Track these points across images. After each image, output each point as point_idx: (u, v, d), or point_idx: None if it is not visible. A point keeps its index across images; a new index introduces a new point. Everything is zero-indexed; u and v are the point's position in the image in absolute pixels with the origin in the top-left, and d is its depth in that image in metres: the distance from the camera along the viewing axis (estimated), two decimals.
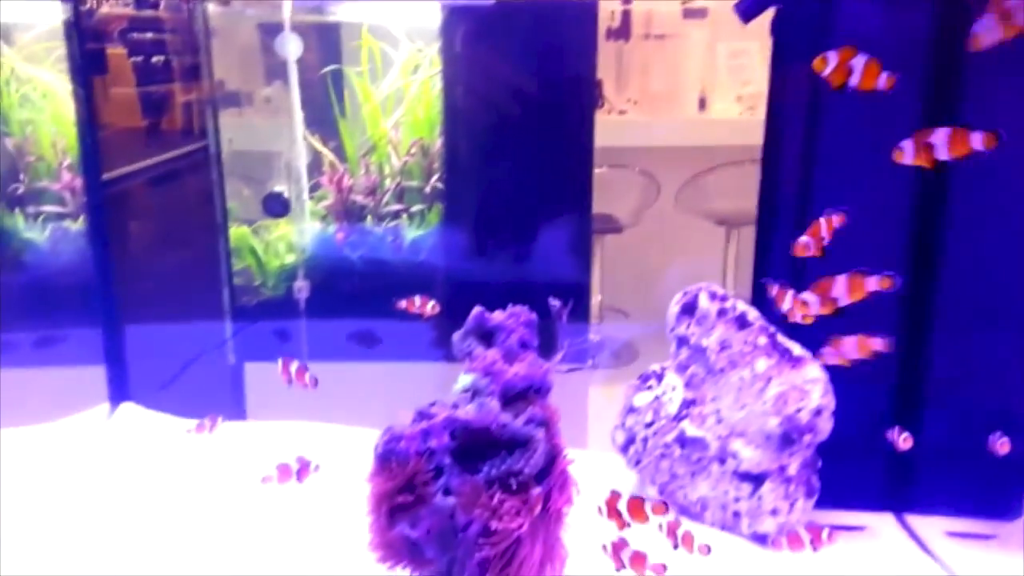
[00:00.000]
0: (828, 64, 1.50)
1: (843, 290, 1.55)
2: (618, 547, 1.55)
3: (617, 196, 4.47)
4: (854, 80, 1.49)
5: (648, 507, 1.58)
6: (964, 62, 1.92)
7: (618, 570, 1.55)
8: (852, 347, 1.81)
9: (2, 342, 2.93)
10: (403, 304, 2.13)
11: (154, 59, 3.11)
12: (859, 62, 1.47)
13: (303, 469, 1.90)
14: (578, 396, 2.96)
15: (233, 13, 3.34)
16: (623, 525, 1.62)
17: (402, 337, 3.15)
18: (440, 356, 3.01)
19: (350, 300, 3.26)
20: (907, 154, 1.52)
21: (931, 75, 1.94)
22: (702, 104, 5.17)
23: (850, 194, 1.99)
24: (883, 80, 1.47)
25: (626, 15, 5.10)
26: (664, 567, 1.52)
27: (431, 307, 2.10)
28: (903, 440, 1.68)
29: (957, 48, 1.90)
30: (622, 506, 1.60)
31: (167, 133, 3.23)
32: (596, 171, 3.42)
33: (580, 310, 3.13)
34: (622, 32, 5.16)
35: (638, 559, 1.54)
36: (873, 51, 1.83)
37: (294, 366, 1.96)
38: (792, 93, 2.12)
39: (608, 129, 4.11)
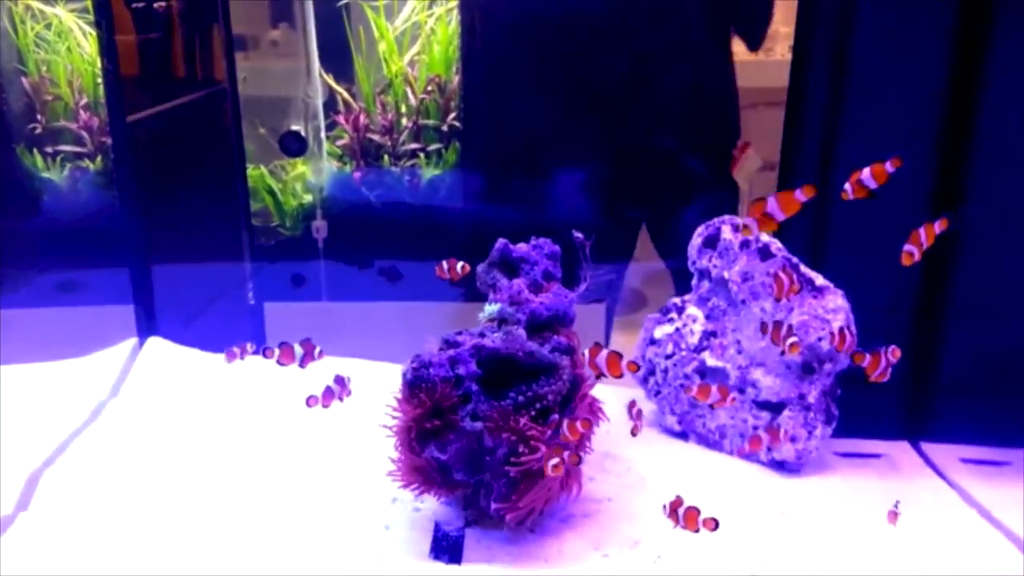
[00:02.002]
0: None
1: (776, 207, 1.56)
2: (675, 505, 1.57)
3: None
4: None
5: (623, 363, 1.62)
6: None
7: (675, 527, 1.57)
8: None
9: (26, 282, 2.96)
10: (437, 271, 1.98)
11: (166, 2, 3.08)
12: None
13: (341, 385, 1.88)
14: (598, 330, 2.99)
15: None
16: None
17: (421, 276, 3.17)
18: (460, 296, 3.03)
19: (368, 240, 3.27)
20: None
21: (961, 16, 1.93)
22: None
23: (880, 130, 1.99)
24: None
25: None
26: (715, 521, 1.53)
27: (461, 268, 1.96)
28: (891, 354, 1.69)
29: None
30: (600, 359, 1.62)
31: (182, 76, 3.21)
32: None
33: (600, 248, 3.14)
34: None
35: (692, 515, 1.55)
36: None
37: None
38: (819, 32, 2.09)
39: None
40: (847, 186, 1.56)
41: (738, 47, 4.74)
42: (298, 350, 1.87)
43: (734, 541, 1.75)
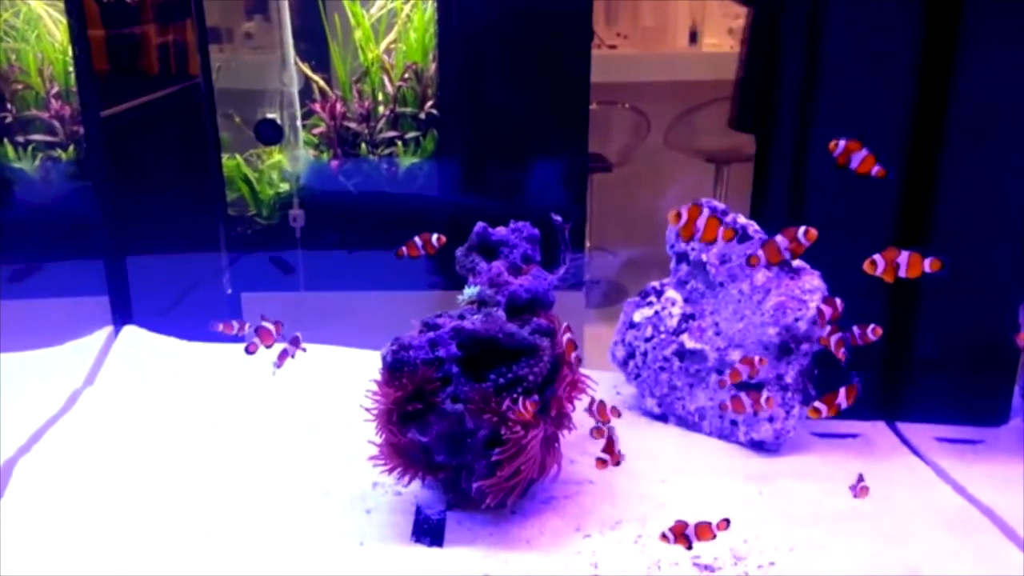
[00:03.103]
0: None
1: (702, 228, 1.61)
2: (678, 530, 1.51)
3: (606, 134, 4.42)
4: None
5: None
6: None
7: (689, 548, 1.55)
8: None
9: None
10: (403, 251, 1.84)
11: None
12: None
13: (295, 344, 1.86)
14: (576, 317, 3.00)
15: None
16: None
17: (399, 265, 3.17)
18: (439, 284, 3.03)
19: (346, 228, 3.25)
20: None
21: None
22: (693, 37, 5.08)
23: (851, 122, 2.01)
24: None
25: None
26: (728, 522, 1.49)
27: (436, 240, 1.82)
28: (873, 332, 1.73)
29: None
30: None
31: (157, 67, 3.18)
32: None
33: (577, 237, 3.14)
34: None
35: (703, 530, 1.54)
36: None
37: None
38: (792, 24, 2.10)
39: (597, 64, 4.04)
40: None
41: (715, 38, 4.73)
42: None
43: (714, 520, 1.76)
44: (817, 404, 1.66)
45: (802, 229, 1.61)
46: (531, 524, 1.79)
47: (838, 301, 1.80)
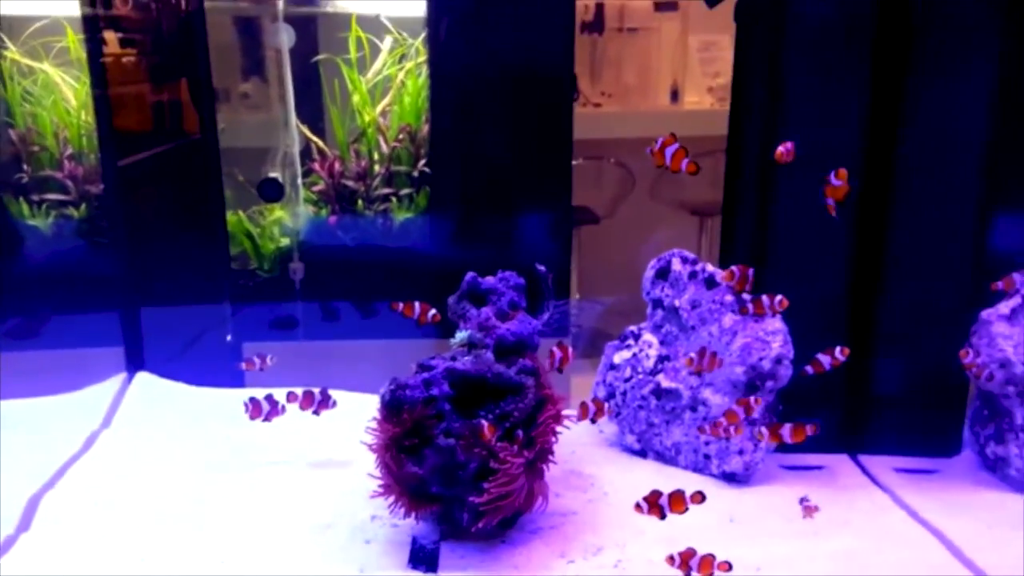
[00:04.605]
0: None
1: None
2: (686, 556, 1.64)
3: (593, 188, 4.62)
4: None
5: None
6: (907, 41, 2.13)
7: (662, 519, 1.69)
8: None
9: (16, 326, 3.08)
10: (401, 307, 2.03)
11: (152, 57, 3.26)
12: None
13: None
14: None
15: (212, 9, 3.47)
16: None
17: (395, 315, 3.34)
18: (433, 333, 3.19)
19: (343, 281, 3.42)
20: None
21: (877, 54, 2.16)
22: (675, 96, 5.33)
23: (809, 178, 2.21)
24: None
25: (599, 9, 5.25)
26: (702, 495, 1.65)
27: (432, 316, 2.02)
28: (841, 353, 1.94)
29: (900, 28, 2.11)
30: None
31: (166, 127, 3.38)
32: (572, 162, 3.58)
33: (563, 287, 3.29)
34: (596, 25, 5.30)
35: (677, 500, 1.67)
36: (823, 31, 2.06)
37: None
38: (754, 78, 2.32)
39: (583, 122, 4.23)
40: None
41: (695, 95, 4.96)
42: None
43: (687, 546, 1.90)
44: (782, 430, 1.83)
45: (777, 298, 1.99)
46: (519, 552, 1.93)
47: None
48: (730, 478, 2.20)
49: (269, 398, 2.17)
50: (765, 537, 1.96)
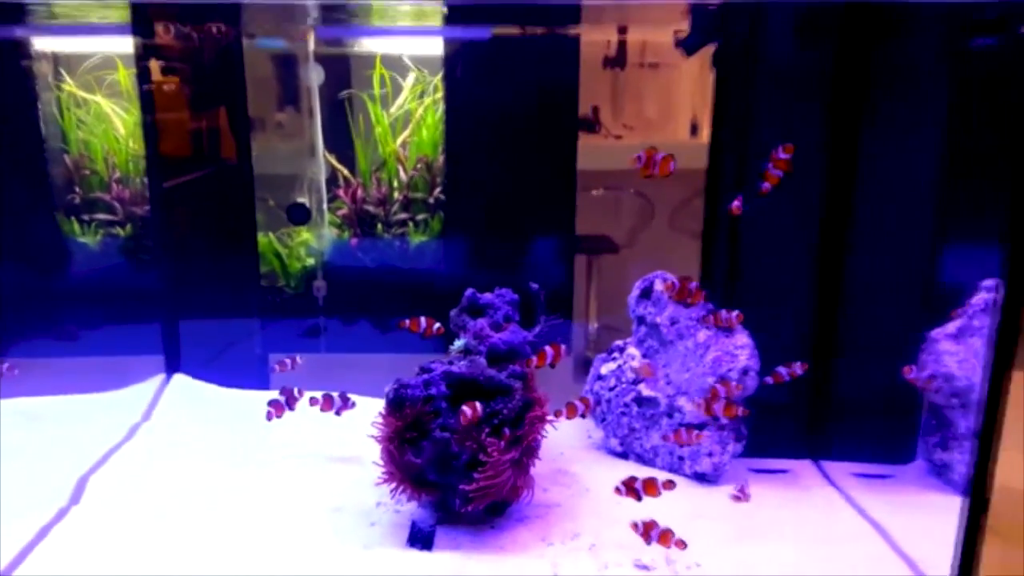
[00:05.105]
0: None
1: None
2: (648, 526, 1.85)
3: (613, 217, 4.84)
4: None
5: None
6: (864, 88, 2.38)
7: (648, 544, 1.91)
8: None
9: (58, 334, 3.40)
10: (408, 323, 2.19)
11: (194, 89, 3.59)
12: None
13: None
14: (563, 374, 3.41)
15: (251, 47, 3.80)
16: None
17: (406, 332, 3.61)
18: (440, 347, 3.46)
19: (363, 298, 3.71)
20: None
21: (836, 98, 2.41)
22: (694, 129, 5.54)
23: (773, 208, 2.46)
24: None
25: (622, 45, 5.50)
26: (672, 483, 1.88)
27: (436, 329, 2.20)
28: (800, 367, 2.18)
29: (858, 77, 2.37)
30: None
31: (203, 153, 3.70)
32: (593, 193, 3.83)
33: (564, 306, 3.54)
34: (618, 61, 5.56)
35: (650, 485, 1.90)
36: (787, 79, 2.31)
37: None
38: (728, 116, 2.59)
39: (605, 153, 4.44)
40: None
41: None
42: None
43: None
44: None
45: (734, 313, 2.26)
46: (505, 536, 2.18)
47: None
48: (701, 478, 2.43)
49: (285, 390, 2.40)
50: (726, 528, 2.19)
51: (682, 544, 1.85)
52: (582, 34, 3.52)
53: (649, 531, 1.86)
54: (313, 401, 2.45)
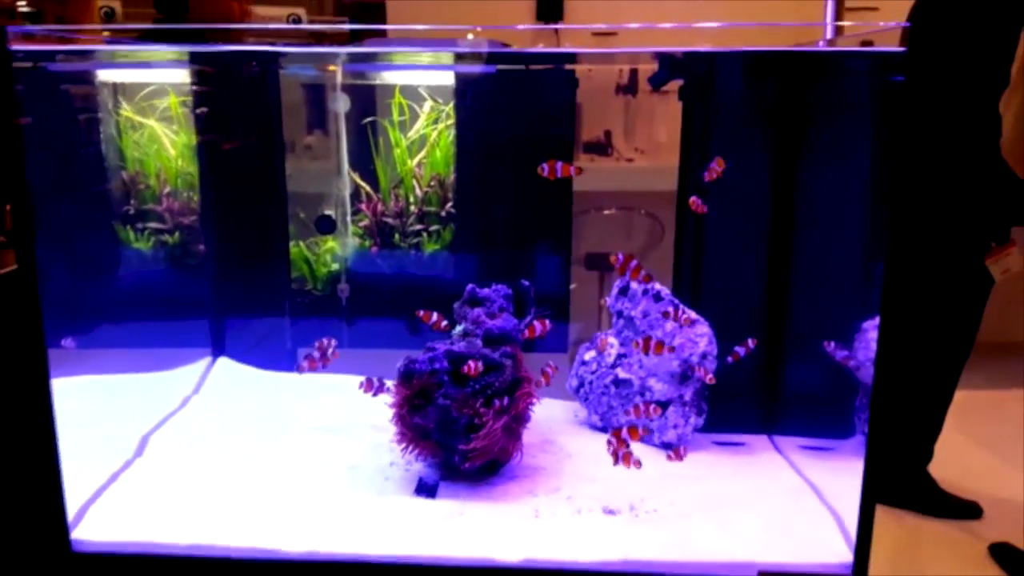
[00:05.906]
0: None
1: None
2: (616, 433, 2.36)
3: (624, 237, 5.23)
4: None
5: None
6: (805, 120, 2.81)
7: (614, 453, 2.36)
8: None
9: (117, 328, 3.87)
10: (422, 314, 2.61)
11: (236, 115, 4.07)
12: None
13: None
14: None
15: (286, 80, 4.27)
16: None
17: (420, 330, 4.04)
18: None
19: (381, 299, 4.15)
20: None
21: (780, 127, 2.84)
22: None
23: (731, 219, 2.88)
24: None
25: (633, 73, 5.91)
26: (639, 463, 2.35)
27: (444, 325, 2.62)
28: (751, 343, 2.59)
29: (798, 110, 2.79)
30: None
31: (242, 172, 4.17)
32: (605, 212, 4.21)
33: (560, 309, 3.95)
34: (630, 88, 5.99)
35: (632, 431, 2.37)
36: (738, 113, 2.74)
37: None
38: (692, 143, 3.02)
39: (616, 175, 4.78)
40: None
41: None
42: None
43: (623, 491, 2.54)
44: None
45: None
46: (497, 489, 2.59)
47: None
48: (667, 447, 2.83)
49: (320, 344, 2.68)
50: (685, 488, 2.59)
51: (638, 464, 2.28)
52: (576, 70, 3.95)
53: (619, 435, 2.29)
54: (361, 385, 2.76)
